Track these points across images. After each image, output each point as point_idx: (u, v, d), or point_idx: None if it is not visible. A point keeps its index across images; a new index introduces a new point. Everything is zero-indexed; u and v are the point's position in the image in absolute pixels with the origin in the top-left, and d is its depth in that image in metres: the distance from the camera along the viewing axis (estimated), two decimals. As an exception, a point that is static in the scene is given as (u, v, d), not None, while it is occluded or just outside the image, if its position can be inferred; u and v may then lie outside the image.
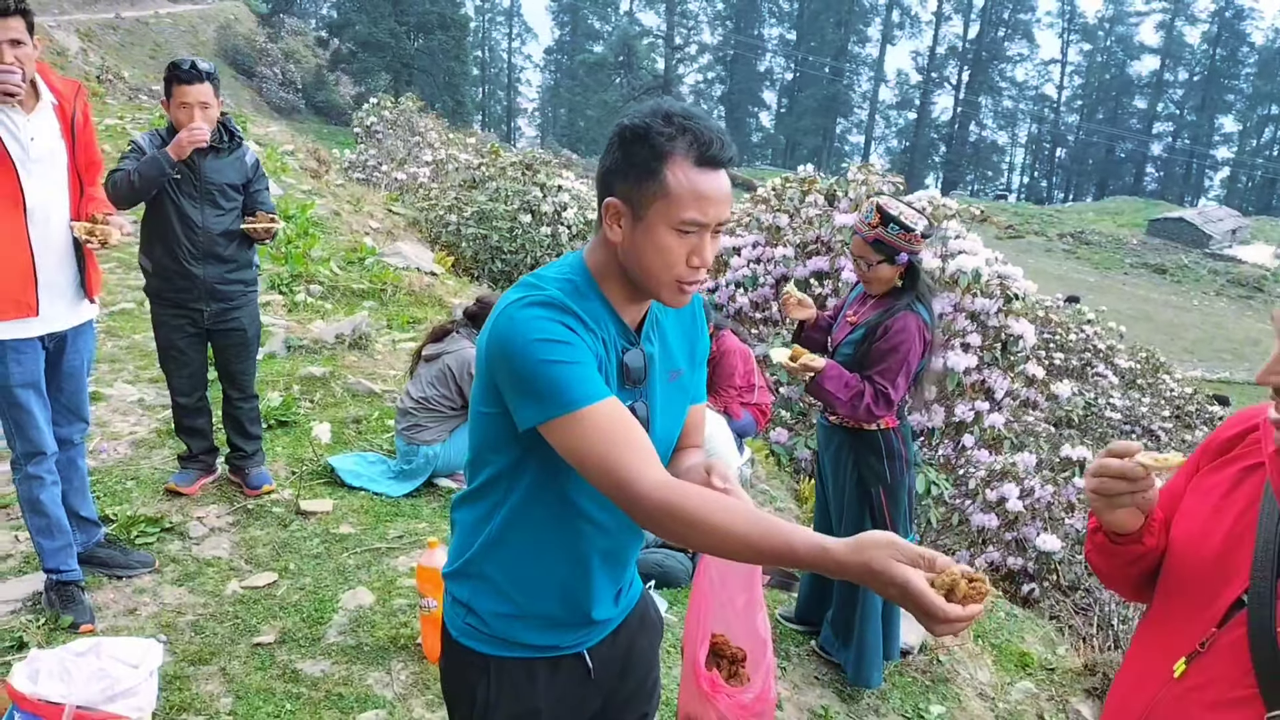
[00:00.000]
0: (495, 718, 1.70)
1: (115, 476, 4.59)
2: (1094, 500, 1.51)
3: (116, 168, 3.88)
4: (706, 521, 1.38)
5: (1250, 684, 1.36)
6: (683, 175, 1.49)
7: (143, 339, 6.67)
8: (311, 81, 51.02)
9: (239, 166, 4.16)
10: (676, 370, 1.72)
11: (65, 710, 2.59)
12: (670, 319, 1.73)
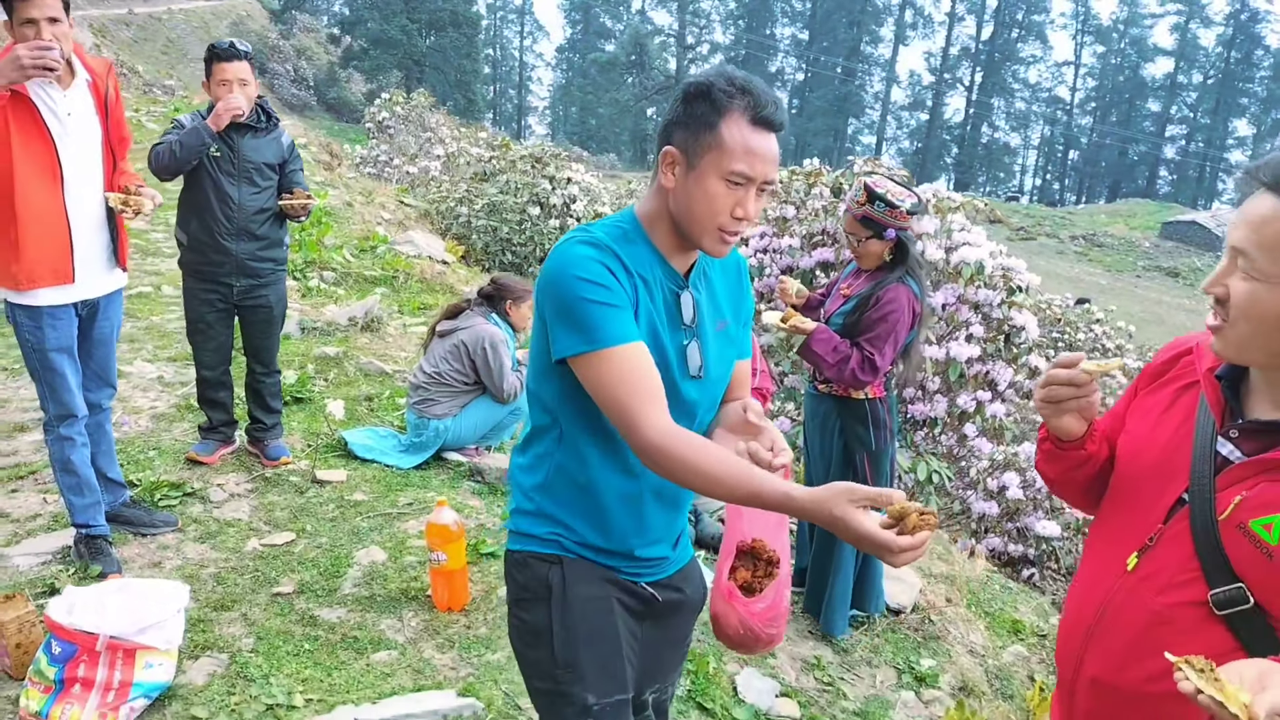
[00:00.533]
0: (571, 593, 1.80)
1: (138, 446, 4.77)
2: (1043, 409, 1.68)
3: (159, 140, 4.06)
4: (693, 466, 1.57)
5: (1194, 568, 1.55)
6: (737, 131, 1.64)
7: (160, 320, 6.86)
8: (323, 78, 51.32)
9: (275, 147, 4.33)
10: (723, 320, 1.85)
11: (99, 639, 2.76)
12: (717, 274, 1.85)
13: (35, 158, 3.20)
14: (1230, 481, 1.55)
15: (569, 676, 1.80)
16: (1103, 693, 1.65)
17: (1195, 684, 1.23)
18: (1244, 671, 1.29)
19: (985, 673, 3.99)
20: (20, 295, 3.30)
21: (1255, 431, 1.56)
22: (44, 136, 3.21)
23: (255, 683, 3.03)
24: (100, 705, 2.76)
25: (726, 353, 1.86)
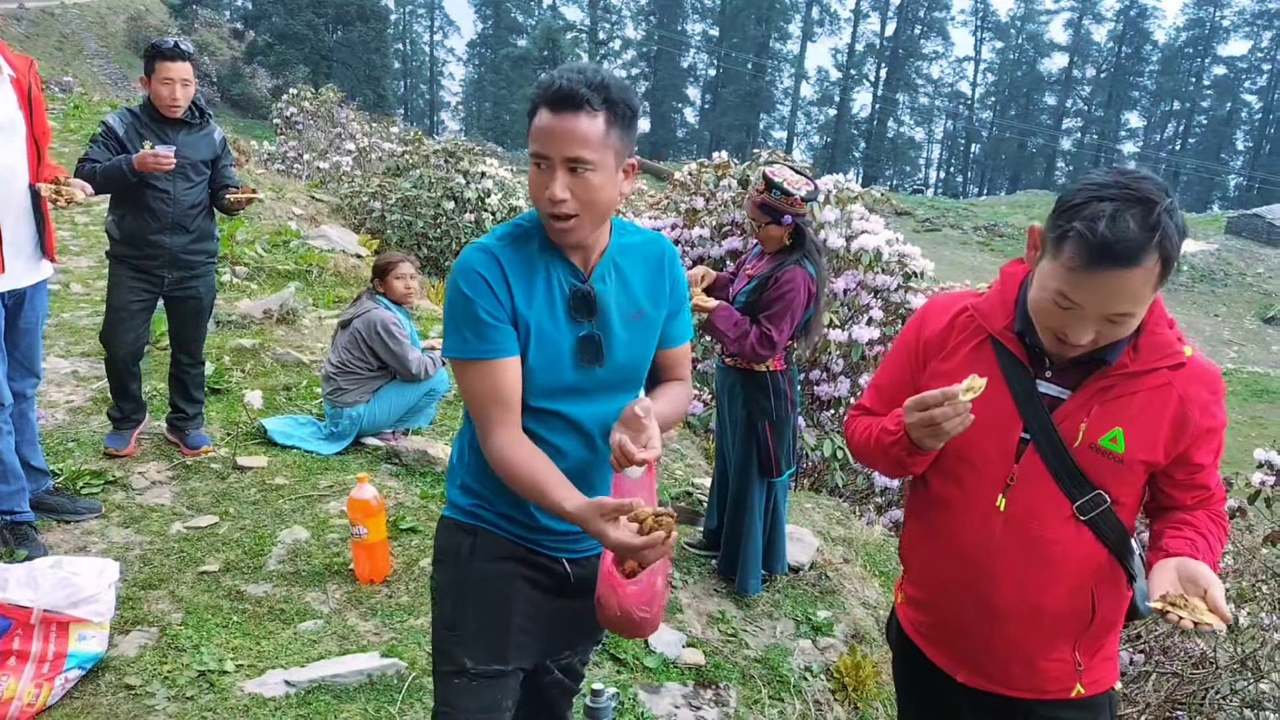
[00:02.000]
0: (474, 563, 1.97)
1: (56, 439, 4.81)
2: (923, 434, 1.80)
3: (85, 157, 4.13)
4: (515, 477, 1.81)
5: (1054, 490, 1.86)
6: (537, 117, 1.76)
7: (71, 316, 6.83)
8: (227, 74, 50.15)
9: (209, 143, 4.43)
10: (638, 310, 1.93)
11: (34, 613, 2.88)
12: (632, 265, 1.94)
13: None
14: (1067, 414, 1.84)
15: (453, 638, 2.00)
16: (1031, 613, 1.91)
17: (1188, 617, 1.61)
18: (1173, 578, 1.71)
19: (877, 622, 4.31)
20: None
21: (1066, 369, 1.86)
22: None
23: (186, 652, 3.18)
24: (36, 676, 2.87)
25: (641, 340, 1.95)
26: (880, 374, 2.15)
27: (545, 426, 1.90)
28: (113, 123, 4.26)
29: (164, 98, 4.21)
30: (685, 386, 2.09)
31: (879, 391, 2.13)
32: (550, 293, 1.85)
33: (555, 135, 1.74)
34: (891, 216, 39.68)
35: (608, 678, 3.40)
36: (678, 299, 2.01)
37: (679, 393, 2.07)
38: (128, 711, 2.89)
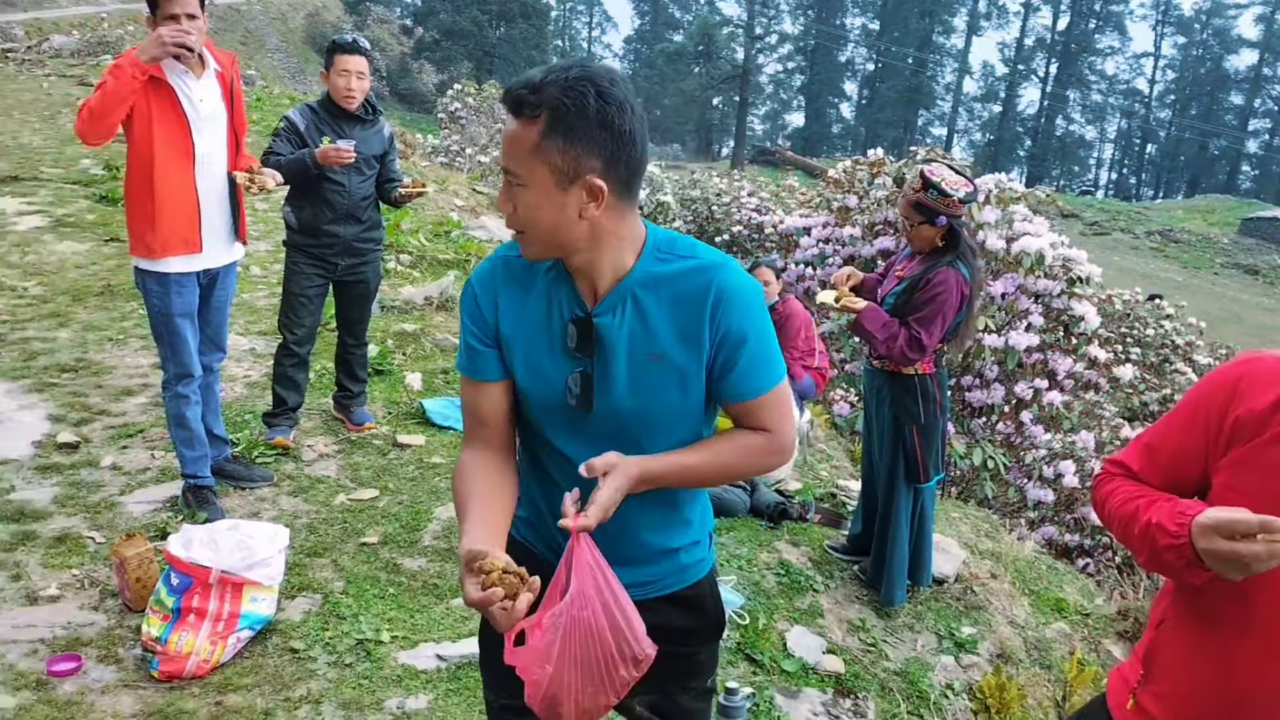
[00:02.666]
0: None
1: (235, 410, 5.14)
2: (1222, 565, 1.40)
3: (270, 150, 4.39)
4: (454, 497, 1.69)
5: None
6: None
7: (250, 297, 7.26)
8: (395, 69, 52.18)
9: (379, 139, 4.66)
10: (655, 354, 1.63)
11: (212, 573, 3.09)
12: (661, 299, 1.62)
13: (172, 140, 3.57)
14: None
15: (481, 663, 1.96)
16: None
17: None
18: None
19: (1024, 643, 4.17)
20: (152, 263, 3.68)
21: None
22: (181, 121, 3.58)
23: (346, 620, 3.35)
24: (211, 634, 3.09)
25: (656, 387, 1.64)
26: (1157, 433, 1.71)
27: (544, 453, 1.75)
28: (294, 118, 4.51)
29: (340, 89, 4.43)
30: (758, 437, 1.71)
31: (1151, 455, 1.69)
32: (549, 318, 1.67)
33: (504, 146, 1.56)
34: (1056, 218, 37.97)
35: (743, 677, 3.40)
36: (730, 346, 1.62)
37: (742, 443, 1.71)
38: (292, 674, 3.08)
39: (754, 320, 1.63)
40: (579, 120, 1.48)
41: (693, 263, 1.63)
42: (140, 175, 3.61)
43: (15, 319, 6.30)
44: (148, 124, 3.54)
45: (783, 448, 1.74)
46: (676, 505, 1.78)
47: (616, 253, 1.61)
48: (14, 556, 3.61)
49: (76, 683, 2.96)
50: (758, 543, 4.27)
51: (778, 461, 1.76)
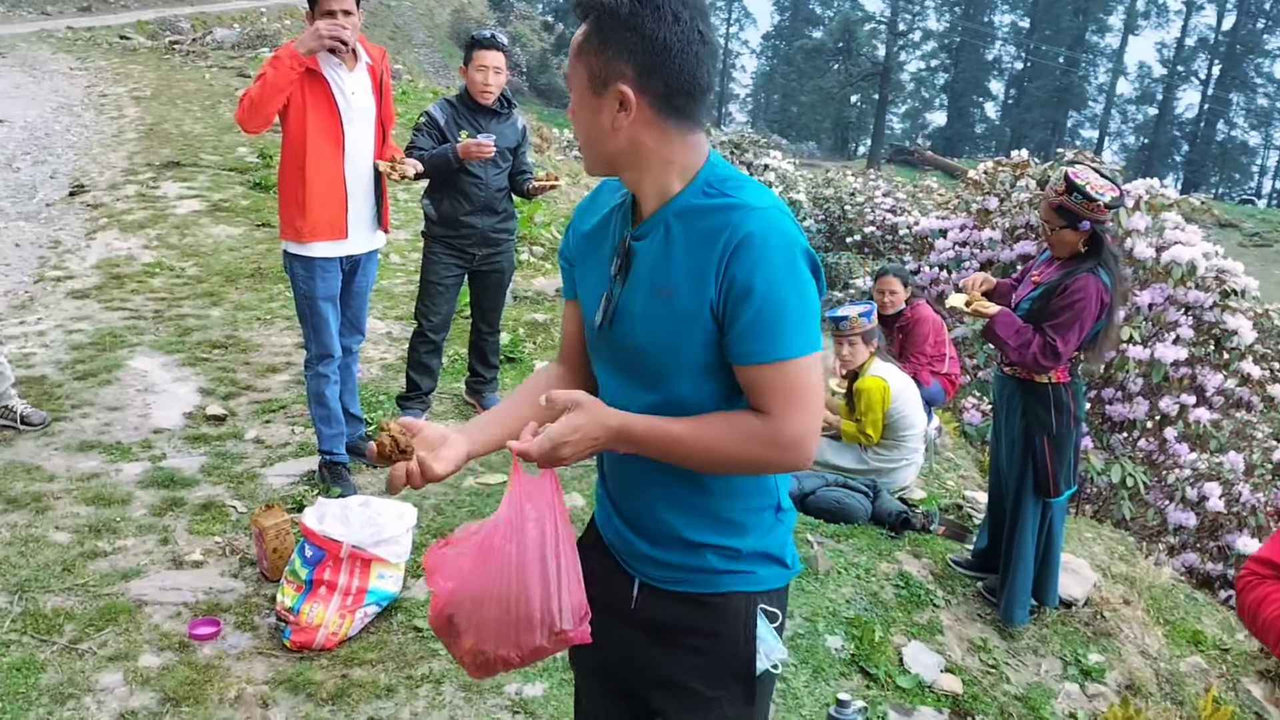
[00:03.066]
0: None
1: (370, 391, 5.33)
2: None
3: (411, 145, 4.53)
4: None
5: None
6: None
7: (388, 284, 7.51)
8: (536, 65, 53.11)
9: (513, 131, 4.76)
10: (664, 288, 1.53)
11: (344, 547, 3.21)
12: (688, 233, 1.52)
13: (324, 129, 3.75)
14: None
15: None
16: None
17: None
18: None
19: (1156, 675, 3.96)
20: (300, 247, 3.87)
21: None
22: (333, 111, 3.75)
23: (467, 601, 3.43)
24: (340, 607, 3.21)
25: (663, 326, 1.53)
26: None
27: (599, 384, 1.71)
28: (434, 112, 4.64)
29: (478, 84, 4.53)
30: (753, 420, 1.51)
31: None
32: (608, 238, 1.65)
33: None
34: (1213, 228, 35.86)
35: (855, 690, 3.33)
36: (736, 298, 1.47)
37: (735, 424, 1.51)
38: (415, 653, 3.18)
39: (769, 274, 1.45)
40: (611, 22, 1.45)
41: (728, 200, 1.50)
42: (293, 163, 3.79)
43: (173, 297, 6.69)
44: (302, 114, 3.72)
45: (784, 441, 1.50)
46: (704, 491, 1.61)
47: (661, 176, 1.54)
48: (163, 521, 3.85)
49: (215, 647, 3.13)
50: (877, 552, 4.19)
51: (779, 459, 1.52)
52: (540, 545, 1.51)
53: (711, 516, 1.62)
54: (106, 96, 14.06)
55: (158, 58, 18.09)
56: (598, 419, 1.48)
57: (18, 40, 18.17)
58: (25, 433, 4.49)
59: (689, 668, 1.65)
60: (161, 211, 8.78)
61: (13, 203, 8.87)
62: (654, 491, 1.63)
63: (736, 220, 1.47)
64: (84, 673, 2.96)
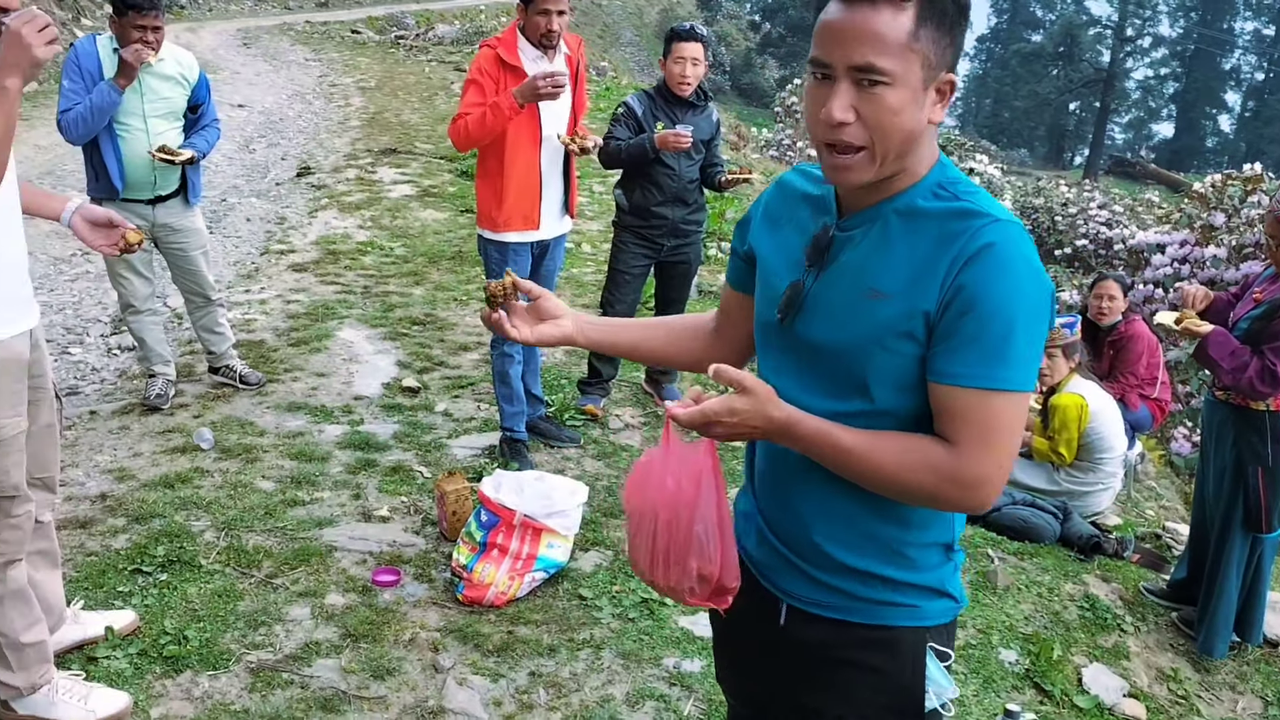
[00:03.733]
0: None
1: (552, 374, 5.48)
2: None
3: (609, 135, 4.63)
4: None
5: None
6: (826, 7, 1.36)
7: (577, 273, 7.70)
8: (739, 64, 53.16)
9: (708, 124, 4.80)
10: (875, 290, 1.39)
11: (516, 515, 3.33)
12: (910, 234, 1.39)
13: (525, 124, 3.89)
14: None
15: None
16: None
17: None
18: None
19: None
20: (495, 234, 4.03)
21: None
22: (532, 106, 3.86)
23: (633, 579, 3.49)
24: (510, 570, 3.33)
25: (860, 327, 1.40)
26: None
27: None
28: (632, 103, 4.72)
29: (675, 76, 4.58)
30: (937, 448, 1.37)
31: None
32: (801, 227, 1.52)
33: (842, 33, 1.32)
34: None
35: (1027, 704, 3.18)
36: (958, 309, 1.33)
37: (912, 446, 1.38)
38: (578, 618, 3.26)
39: (1005, 291, 1.31)
40: (954, 8, 1.35)
41: (964, 205, 1.37)
42: (493, 156, 3.95)
43: (380, 275, 7.10)
44: None
45: (967, 479, 1.35)
46: (877, 516, 1.47)
47: (904, 169, 1.41)
48: (356, 479, 4.10)
49: (394, 594, 3.33)
50: (1063, 572, 3.97)
51: (956, 497, 1.37)
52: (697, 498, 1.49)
53: (879, 544, 1.49)
54: (335, 86, 15.08)
55: (383, 51, 19.27)
56: (762, 408, 1.36)
57: (262, 32, 19.74)
58: (243, 391, 4.88)
59: (845, 700, 1.53)
60: (376, 194, 9.34)
61: (247, 181, 9.65)
62: (815, 507, 1.50)
63: (976, 228, 1.33)
64: (276, 604, 3.21)
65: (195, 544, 3.50)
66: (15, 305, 2.41)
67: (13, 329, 2.40)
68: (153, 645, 2.93)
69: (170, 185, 4.42)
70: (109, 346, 5.51)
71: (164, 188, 4.40)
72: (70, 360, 5.26)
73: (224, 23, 20.81)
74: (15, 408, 2.43)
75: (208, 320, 4.82)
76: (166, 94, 4.33)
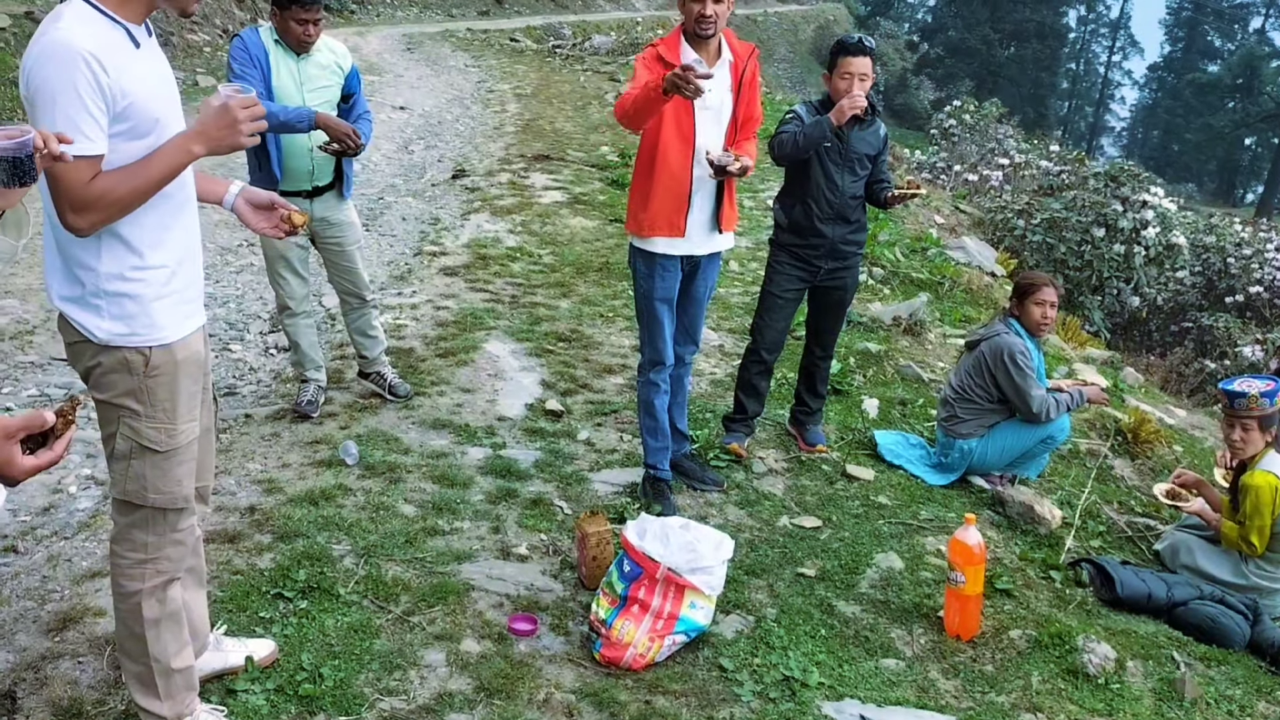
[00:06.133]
0: None
1: (697, 407, 5.30)
2: None
3: (780, 129, 4.43)
4: None
5: None
6: None
7: (725, 292, 7.51)
8: (894, 84, 52.01)
9: (875, 139, 4.56)
10: None
11: (660, 568, 3.16)
12: None
13: (679, 124, 3.75)
14: None
15: None
16: None
17: None
18: None
19: None
20: (642, 241, 3.91)
21: None
22: (688, 106, 3.72)
23: (775, 651, 3.29)
24: (651, 630, 3.16)
25: None
26: None
27: None
28: (800, 110, 4.51)
29: (841, 92, 4.33)
30: None
31: None
32: None
33: None
34: None
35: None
36: None
37: None
38: (718, 693, 3.07)
39: None
40: None
41: None
42: (646, 155, 3.83)
43: (529, 284, 7.08)
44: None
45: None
46: None
47: None
48: (497, 510, 4.02)
49: (530, 645, 3.20)
50: (1254, 687, 3.56)
51: None
52: None
53: None
54: (493, 92, 15.32)
55: (540, 60, 19.54)
56: None
57: (425, 38, 20.28)
58: (390, 403, 4.88)
59: None
60: (528, 200, 9.38)
61: (404, 181, 9.84)
62: None
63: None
64: (412, 645, 3.13)
65: (335, 570, 3.46)
66: (192, 299, 2.38)
67: (191, 325, 2.37)
68: (289, 681, 2.88)
69: (326, 177, 4.46)
70: (266, 345, 5.62)
71: (320, 179, 4.45)
72: (230, 358, 5.38)
73: (390, 28, 21.46)
74: (191, 411, 2.39)
75: (362, 322, 4.84)
76: (324, 82, 4.38)
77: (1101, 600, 4.05)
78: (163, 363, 2.28)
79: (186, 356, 2.33)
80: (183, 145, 2.17)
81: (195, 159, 2.20)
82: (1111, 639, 3.57)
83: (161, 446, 2.31)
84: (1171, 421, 6.78)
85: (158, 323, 2.27)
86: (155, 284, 2.26)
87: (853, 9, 59.91)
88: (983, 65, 51.78)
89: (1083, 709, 3.22)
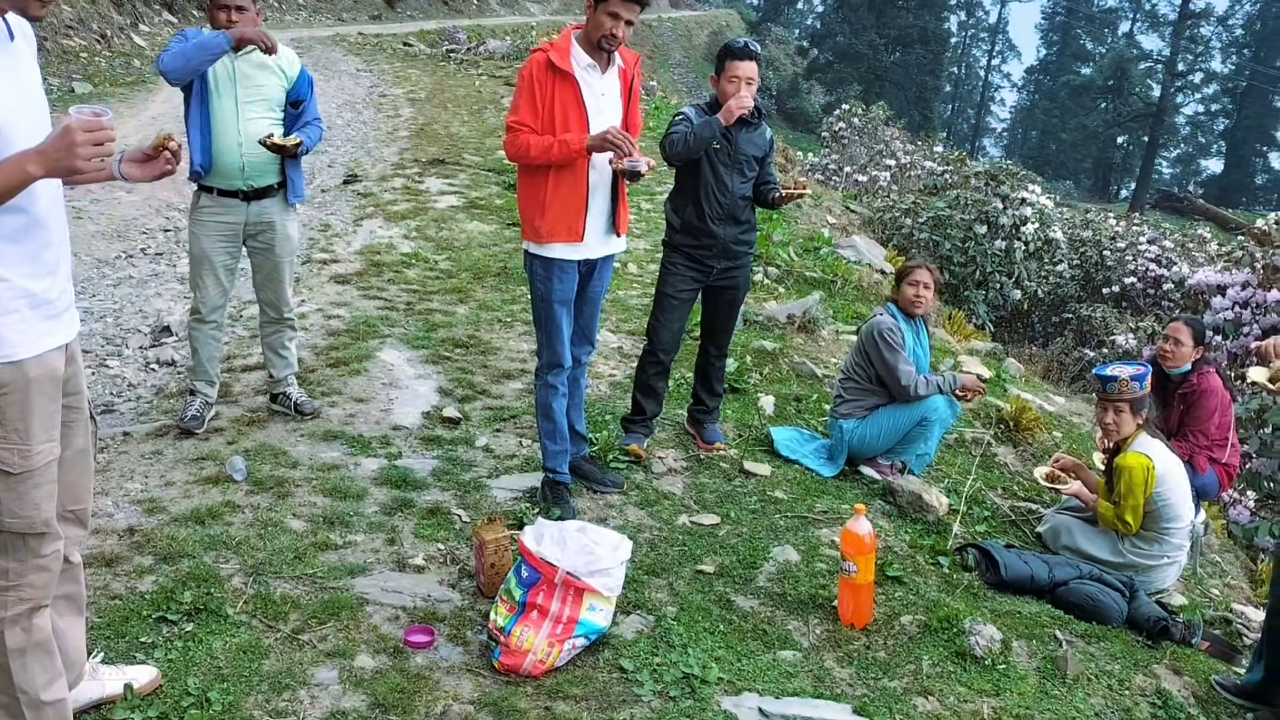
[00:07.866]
0: None
1: (596, 410, 5.30)
2: None
3: (671, 130, 4.48)
4: None
5: None
6: None
7: (623, 295, 7.54)
8: (786, 89, 52.94)
9: (761, 141, 4.66)
10: None
11: (558, 572, 3.15)
12: None
13: (572, 129, 3.76)
14: None
15: None
16: None
17: None
18: None
19: None
20: (539, 248, 3.90)
21: None
22: (580, 113, 3.75)
23: (675, 650, 3.31)
24: (550, 635, 3.15)
25: None
26: None
27: None
28: (689, 112, 4.58)
29: (729, 95, 4.40)
30: None
31: None
32: None
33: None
34: None
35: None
36: None
37: None
38: (618, 695, 3.07)
39: None
40: None
41: None
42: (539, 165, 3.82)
43: (424, 290, 6.98)
44: (550, 113, 3.75)
45: None
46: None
47: None
48: (392, 520, 3.95)
49: (427, 657, 3.15)
50: (1132, 661, 3.73)
51: None
52: None
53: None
54: (386, 97, 15.06)
55: (434, 64, 19.29)
56: None
57: (315, 42, 19.83)
58: (280, 417, 4.75)
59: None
60: (423, 205, 9.26)
61: (293, 189, 9.59)
62: None
63: None
64: (302, 665, 3.05)
65: (223, 590, 3.35)
66: (51, 316, 2.27)
67: (47, 342, 2.26)
68: (174, 707, 2.77)
69: (264, 179, 4.39)
70: (147, 360, 5.42)
71: (255, 179, 4.35)
72: (107, 374, 5.16)
73: (278, 32, 20.80)
74: (49, 432, 2.28)
75: (275, 340, 4.74)
76: (260, 81, 4.32)
77: (987, 583, 4.18)
78: (11, 380, 2.18)
79: (41, 374, 2.23)
80: (20, 164, 2.06)
81: (33, 179, 2.08)
82: (997, 620, 3.70)
83: (14, 469, 2.21)
84: (1051, 409, 7.05)
85: (6, 339, 2.16)
86: (2, 299, 2.15)
87: (745, 15, 60.88)
88: (870, 70, 53.09)
89: (971, 690, 3.32)
